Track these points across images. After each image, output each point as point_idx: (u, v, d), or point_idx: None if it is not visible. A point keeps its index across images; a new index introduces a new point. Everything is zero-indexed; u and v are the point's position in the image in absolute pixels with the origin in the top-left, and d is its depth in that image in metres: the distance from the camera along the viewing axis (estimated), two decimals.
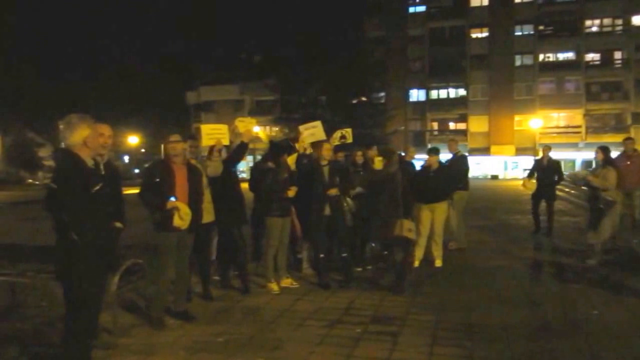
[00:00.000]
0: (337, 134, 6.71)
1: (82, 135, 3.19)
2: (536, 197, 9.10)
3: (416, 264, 6.52)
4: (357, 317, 4.66)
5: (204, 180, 5.03)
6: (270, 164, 5.54)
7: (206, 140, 5.34)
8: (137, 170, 40.38)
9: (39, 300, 4.93)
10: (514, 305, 5.04)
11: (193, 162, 4.92)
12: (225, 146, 5.50)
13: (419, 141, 39.97)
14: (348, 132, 6.77)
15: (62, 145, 3.24)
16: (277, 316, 4.71)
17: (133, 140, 46.82)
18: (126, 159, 50.35)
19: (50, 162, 38.19)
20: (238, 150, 5.48)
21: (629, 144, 8.19)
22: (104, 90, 45.53)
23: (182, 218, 4.25)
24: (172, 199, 4.26)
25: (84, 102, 40.71)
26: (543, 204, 9.10)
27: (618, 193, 6.78)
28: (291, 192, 5.52)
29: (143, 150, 51.17)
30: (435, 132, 42.96)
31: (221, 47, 49.38)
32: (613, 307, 4.95)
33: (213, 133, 5.40)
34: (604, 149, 6.96)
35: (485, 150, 41.50)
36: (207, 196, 5.05)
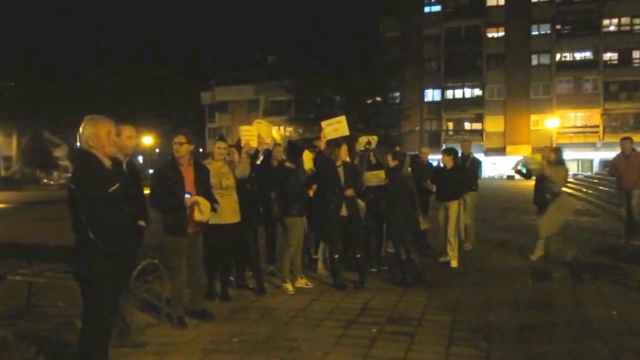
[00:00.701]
0: (363, 140, 6.62)
1: (85, 136, 3.22)
2: None
3: (454, 263, 6.68)
4: (373, 318, 4.65)
5: (232, 181, 5.10)
6: (289, 164, 5.57)
7: (244, 137, 5.45)
8: (151, 171, 41.00)
9: (56, 300, 5.02)
10: (530, 306, 5.00)
11: (217, 163, 5.05)
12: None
13: (434, 141, 39.74)
14: (374, 138, 6.69)
15: (77, 145, 3.30)
16: (292, 316, 4.71)
17: (147, 140, 47.27)
18: (140, 159, 50.89)
19: (66, 162, 38.81)
20: (265, 158, 5.66)
21: (625, 143, 7.98)
22: (119, 91, 45.94)
23: (202, 212, 4.27)
24: (187, 195, 4.27)
25: (99, 102, 41.15)
26: None
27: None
28: (311, 192, 5.52)
29: (157, 150, 51.65)
30: (451, 132, 42.67)
31: (236, 48, 49.66)
32: (631, 307, 4.87)
33: (246, 134, 5.48)
34: (557, 150, 7.21)
35: (501, 151, 41.08)
36: (233, 196, 5.13)
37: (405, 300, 5.18)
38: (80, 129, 3.26)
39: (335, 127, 6.30)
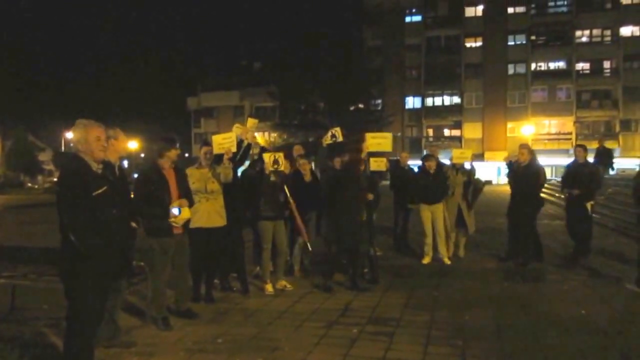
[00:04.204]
0: (328, 134, 6.91)
1: (74, 140, 3.33)
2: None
3: (427, 260, 7.24)
4: (354, 318, 4.79)
5: (218, 186, 5.24)
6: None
7: (217, 149, 5.50)
8: (136, 175, 40.45)
9: (40, 303, 5.03)
10: (505, 305, 5.18)
11: (204, 170, 5.23)
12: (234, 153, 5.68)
13: (415, 147, 40.24)
14: (338, 131, 6.93)
15: (62, 149, 3.39)
16: (275, 318, 4.82)
17: (132, 145, 46.74)
18: (125, 163, 50.37)
19: (50, 166, 38.14)
20: (243, 152, 5.74)
21: (579, 151, 7.62)
22: (105, 95, 45.52)
23: (184, 213, 4.43)
24: (174, 210, 4.35)
25: (84, 106, 40.61)
26: None
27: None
28: (370, 196, 5.91)
29: (143, 155, 51.18)
30: (431, 139, 43.29)
31: (222, 54, 49.70)
32: (598, 306, 5.13)
33: (223, 142, 5.56)
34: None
35: (479, 157, 41.84)
36: (219, 201, 5.27)
37: (385, 301, 5.34)
38: (71, 133, 3.37)
39: (379, 141, 6.66)
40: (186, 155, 54.78)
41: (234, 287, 5.74)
